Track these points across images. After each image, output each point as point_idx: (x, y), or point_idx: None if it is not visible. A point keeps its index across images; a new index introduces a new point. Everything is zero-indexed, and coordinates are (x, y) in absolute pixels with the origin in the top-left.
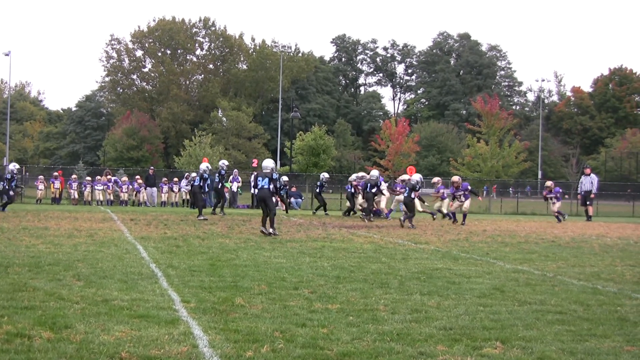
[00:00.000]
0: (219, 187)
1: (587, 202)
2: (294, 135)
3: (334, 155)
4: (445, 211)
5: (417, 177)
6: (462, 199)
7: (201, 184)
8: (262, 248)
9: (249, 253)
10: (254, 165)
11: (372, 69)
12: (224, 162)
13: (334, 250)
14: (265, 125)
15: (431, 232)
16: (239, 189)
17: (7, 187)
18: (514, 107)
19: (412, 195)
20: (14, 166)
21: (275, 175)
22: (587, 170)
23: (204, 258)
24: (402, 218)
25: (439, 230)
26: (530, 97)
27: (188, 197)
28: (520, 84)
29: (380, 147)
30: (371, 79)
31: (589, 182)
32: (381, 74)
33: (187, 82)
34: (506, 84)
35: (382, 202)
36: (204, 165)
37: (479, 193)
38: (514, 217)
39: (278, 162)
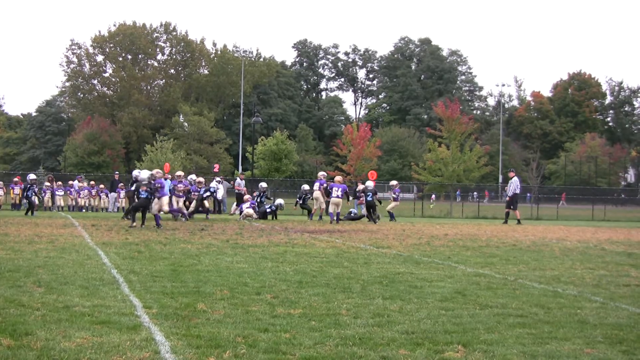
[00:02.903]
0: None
1: (511, 206)
2: (256, 140)
3: (295, 160)
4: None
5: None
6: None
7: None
8: (224, 253)
9: (211, 258)
10: (216, 170)
11: (333, 74)
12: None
13: (296, 255)
14: (227, 130)
15: (393, 237)
16: (224, 196)
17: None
18: (474, 111)
19: (370, 198)
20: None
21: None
22: (511, 174)
23: (165, 264)
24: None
25: (400, 234)
26: (491, 101)
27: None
28: (481, 88)
29: (342, 152)
30: (333, 84)
31: (509, 184)
32: (343, 79)
33: (149, 87)
34: (467, 88)
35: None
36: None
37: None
38: (476, 221)
39: (239, 167)
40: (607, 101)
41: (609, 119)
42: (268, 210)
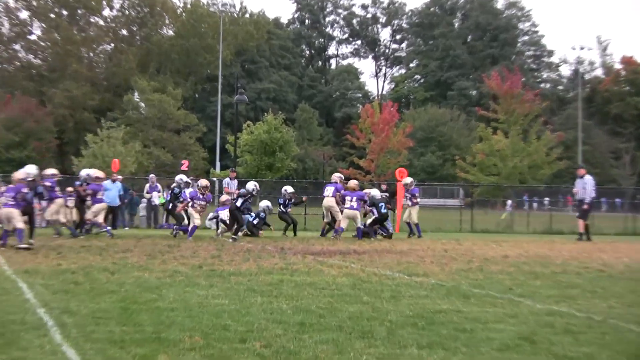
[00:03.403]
0: (169, 206)
1: (585, 215)
2: (240, 126)
3: (295, 153)
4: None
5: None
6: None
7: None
8: (196, 284)
9: (177, 291)
10: (184, 168)
11: (346, 35)
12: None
13: (296, 286)
14: (199, 113)
15: (431, 260)
16: (160, 200)
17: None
18: (542, 85)
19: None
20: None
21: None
22: (581, 171)
23: (113, 299)
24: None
25: (441, 256)
26: (565, 71)
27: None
28: (551, 53)
29: (358, 142)
30: (345, 49)
31: (582, 187)
32: (359, 42)
33: (91, 55)
34: (531, 53)
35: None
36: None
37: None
38: (547, 237)
39: (217, 162)
40: None
41: None
42: (253, 220)
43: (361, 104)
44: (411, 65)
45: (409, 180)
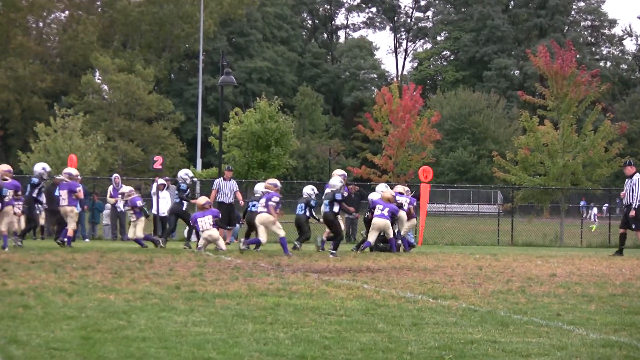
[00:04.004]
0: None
1: (635, 226)
2: (226, 115)
3: (294, 148)
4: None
5: (337, 180)
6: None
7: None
8: (173, 309)
9: (149, 317)
10: (157, 166)
11: (358, 1)
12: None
13: (295, 310)
14: (176, 99)
15: (461, 280)
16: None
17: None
18: (602, 63)
19: (336, 209)
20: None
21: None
22: (630, 170)
23: (72, 327)
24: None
25: (474, 275)
26: (630, 46)
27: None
28: (613, 24)
29: (373, 135)
30: (357, 18)
31: (630, 188)
32: (374, 9)
33: (41, 25)
34: (588, 24)
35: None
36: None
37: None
38: (604, 252)
39: (198, 159)
40: None
41: None
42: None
43: (376, 87)
44: (439, 38)
45: (400, 188)
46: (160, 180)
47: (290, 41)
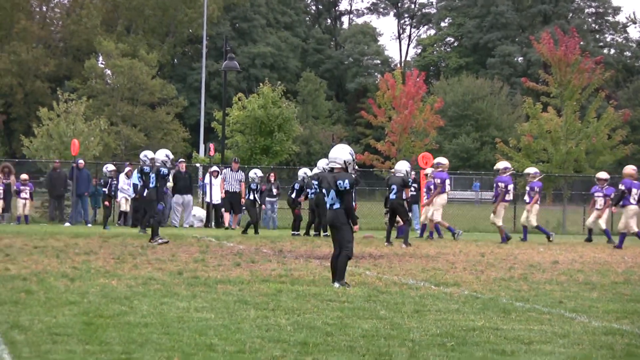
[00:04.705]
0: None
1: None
2: (229, 100)
3: (297, 134)
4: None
5: (405, 165)
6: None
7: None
8: (175, 294)
9: (151, 303)
10: (212, 153)
11: None
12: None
13: (297, 297)
14: (179, 84)
15: (464, 266)
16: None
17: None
18: (605, 50)
19: (404, 195)
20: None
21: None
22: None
23: (74, 312)
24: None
25: (477, 262)
26: (635, 33)
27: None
28: (617, 11)
29: (376, 121)
30: (361, 3)
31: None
32: None
33: (44, 9)
34: (592, 10)
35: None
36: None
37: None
38: (606, 239)
39: (201, 145)
40: None
41: None
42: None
43: (380, 72)
44: (442, 24)
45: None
46: (214, 168)
47: (294, 26)
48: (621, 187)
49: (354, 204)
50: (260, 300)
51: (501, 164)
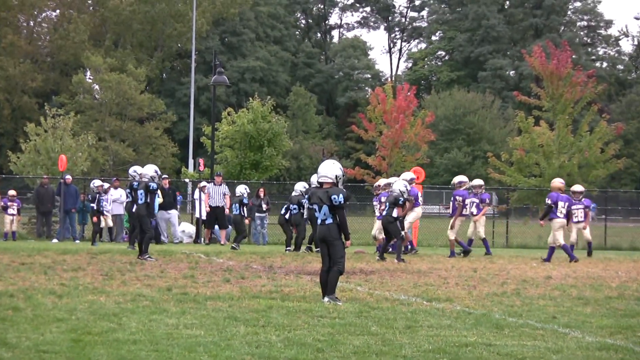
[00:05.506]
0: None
1: None
2: (218, 115)
3: (287, 148)
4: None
5: (401, 184)
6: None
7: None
8: (164, 311)
9: (140, 320)
10: (202, 168)
11: (351, 0)
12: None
13: (288, 313)
14: (168, 98)
15: (456, 282)
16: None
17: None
18: (598, 64)
19: (395, 214)
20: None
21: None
22: None
23: (62, 329)
24: (379, 249)
25: (469, 277)
26: (627, 46)
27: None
28: (609, 24)
29: (367, 135)
30: (351, 17)
31: None
32: (368, 8)
33: (32, 24)
34: (584, 24)
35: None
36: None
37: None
38: (600, 254)
39: (190, 160)
40: None
41: None
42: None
43: (370, 87)
44: (433, 38)
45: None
46: (203, 183)
47: (284, 41)
48: (548, 201)
49: None
50: (251, 317)
51: (457, 178)
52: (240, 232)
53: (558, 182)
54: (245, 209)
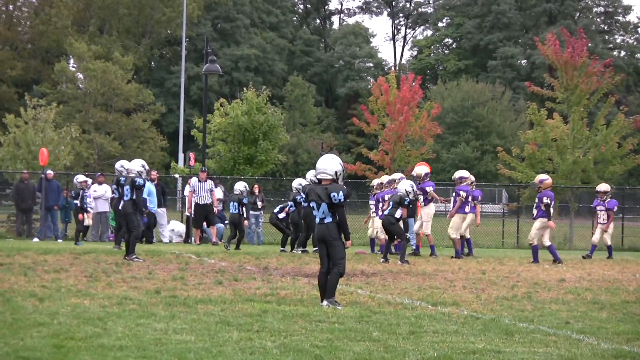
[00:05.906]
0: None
1: None
2: (210, 106)
3: (284, 142)
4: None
5: (406, 184)
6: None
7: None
8: (152, 315)
9: (127, 324)
10: (192, 163)
11: None
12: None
13: (284, 317)
14: (157, 88)
15: (463, 285)
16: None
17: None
18: (615, 52)
19: (398, 214)
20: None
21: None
22: None
23: (43, 334)
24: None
25: (477, 280)
26: None
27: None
28: (628, 10)
29: (368, 128)
30: (352, 2)
31: None
32: None
33: (11, 8)
34: (601, 10)
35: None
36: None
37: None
38: (617, 255)
39: (180, 154)
40: None
41: None
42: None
43: (373, 76)
44: (440, 24)
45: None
46: (194, 179)
47: (280, 27)
48: (547, 200)
49: None
50: (244, 321)
51: (458, 173)
52: (238, 233)
53: (544, 177)
54: (244, 208)
